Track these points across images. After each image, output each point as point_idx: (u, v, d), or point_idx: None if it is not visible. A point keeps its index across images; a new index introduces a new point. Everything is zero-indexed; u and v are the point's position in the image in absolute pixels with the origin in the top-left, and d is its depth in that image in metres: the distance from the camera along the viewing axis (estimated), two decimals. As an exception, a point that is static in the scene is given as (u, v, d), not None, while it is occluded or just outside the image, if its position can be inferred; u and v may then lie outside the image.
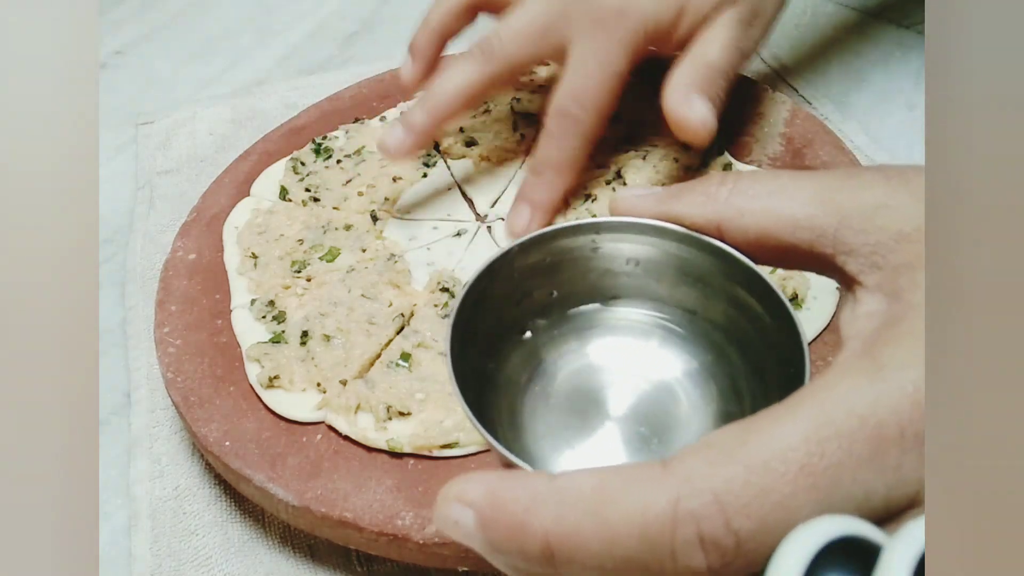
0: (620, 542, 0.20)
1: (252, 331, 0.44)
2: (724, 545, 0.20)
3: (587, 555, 0.21)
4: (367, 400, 0.40)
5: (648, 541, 0.20)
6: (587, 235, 0.31)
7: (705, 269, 0.30)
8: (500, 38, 0.44)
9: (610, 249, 0.32)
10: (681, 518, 0.20)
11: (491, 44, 0.44)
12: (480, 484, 0.22)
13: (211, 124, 0.63)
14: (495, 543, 0.22)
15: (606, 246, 0.32)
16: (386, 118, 0.56)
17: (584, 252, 0.32)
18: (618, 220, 0.31)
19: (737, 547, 0.20)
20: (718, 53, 0.43)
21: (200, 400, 0.42)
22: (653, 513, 0.20)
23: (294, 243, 0.48)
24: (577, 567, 0.21)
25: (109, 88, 0.69)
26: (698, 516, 0.20)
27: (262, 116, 0.63)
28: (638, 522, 0.20)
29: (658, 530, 0.20)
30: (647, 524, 0.20)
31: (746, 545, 0.20)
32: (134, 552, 0.41)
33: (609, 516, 0.21)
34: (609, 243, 0.32)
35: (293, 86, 0.66)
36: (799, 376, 0.26)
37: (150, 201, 0.57)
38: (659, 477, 0.21)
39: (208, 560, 0.40)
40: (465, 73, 0.45)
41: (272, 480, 0.38)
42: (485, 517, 0.22)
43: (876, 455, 0.21)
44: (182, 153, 0.61)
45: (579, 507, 0.21)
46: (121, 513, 0.43)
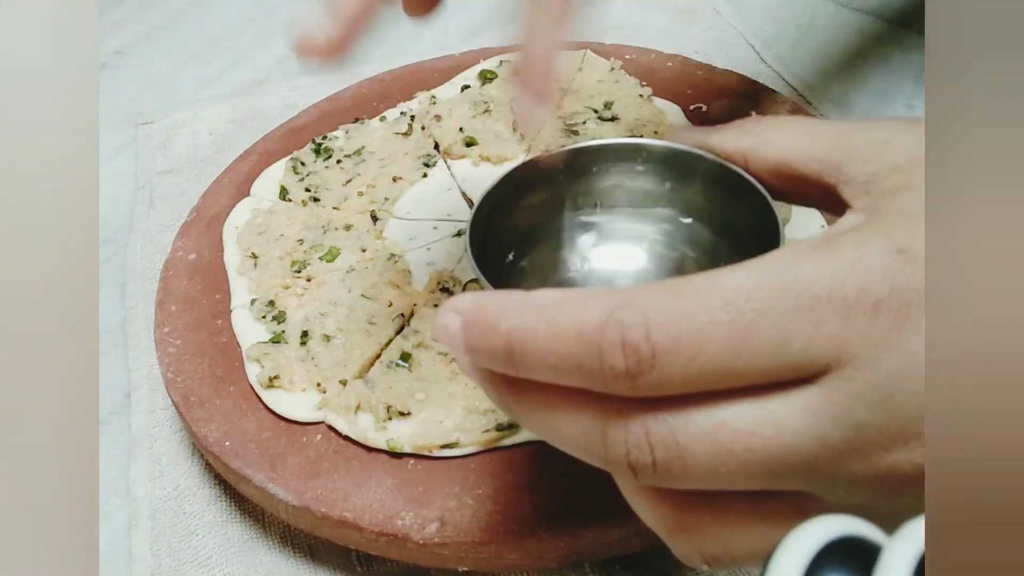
0: (562, 341, 0.23)
1: (252, 331, 0.44)
2: (641, 352, 0.22)
3: (536, 351, 0.24)
4: (367, 400, 0.40)
5: (582, 340, 0.23)
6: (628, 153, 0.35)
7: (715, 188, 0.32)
8: None
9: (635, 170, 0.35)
10: (611, 324, 0.23)
11: None
12: (471, 297, 0.26)
13: (211, 124, 0.63)
14: (471, 343, 0.25)
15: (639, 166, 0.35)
16: (386, 118, 0.56)
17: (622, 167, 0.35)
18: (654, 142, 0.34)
19: (652, 358, 0.22)
20: None
21: (200, 400, 0.42)
22: (590, 318, 0.23)
23: (294, 243, 0.48)
24: (529, 363, 0.24)
25: (109, 88, 0.69)
26: (624, 323, 0.23)
27: (262, 116, 0.63)
28: (577, 324, 0.23)
29: (591, 332, 0.23)
30: (583, 326, 0.23)
31: (660, 358, 0.22)
32: (134, 552, 0.41)
33: (557, 319, 0.24)
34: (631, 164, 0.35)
35: (293, 86, 0.66)
36: None
37: (150, 201, 0.57)
38: (606, 294, 0.24)
39: (208, 560, 0.40)
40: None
41: (272, 480, 0.38)
42: (467, 320, 0.25)
43: (801, 310, 0.22)
44: (182, 153, 0.61)
45: (537, 312, 0.24)
46: (121, 513, 0.43)
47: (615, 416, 0.24)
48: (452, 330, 0.25)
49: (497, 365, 0.25)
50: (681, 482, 0.23)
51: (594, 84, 0.54)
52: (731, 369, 0.22)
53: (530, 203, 0.35)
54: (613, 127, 0.51)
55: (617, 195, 0.35)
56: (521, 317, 0.24)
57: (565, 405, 0.25)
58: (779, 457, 0.22)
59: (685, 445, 0.23)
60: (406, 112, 0.56)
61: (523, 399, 0.26)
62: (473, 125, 0.53)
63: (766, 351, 0.22)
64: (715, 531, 0.24)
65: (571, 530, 0.35)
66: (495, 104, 0.54)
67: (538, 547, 0.35)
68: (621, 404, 0.24)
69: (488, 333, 0.24)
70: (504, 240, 0.34)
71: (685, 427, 0.23)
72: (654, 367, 0.22)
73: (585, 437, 0.24)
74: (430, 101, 0.56)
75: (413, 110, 0.56)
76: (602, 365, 0.23)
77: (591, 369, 0.23)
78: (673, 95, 0.54)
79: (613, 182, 0.35)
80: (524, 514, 0.36)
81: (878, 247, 0.23)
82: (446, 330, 0.25)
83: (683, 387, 0.23)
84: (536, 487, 0.37)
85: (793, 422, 0.22)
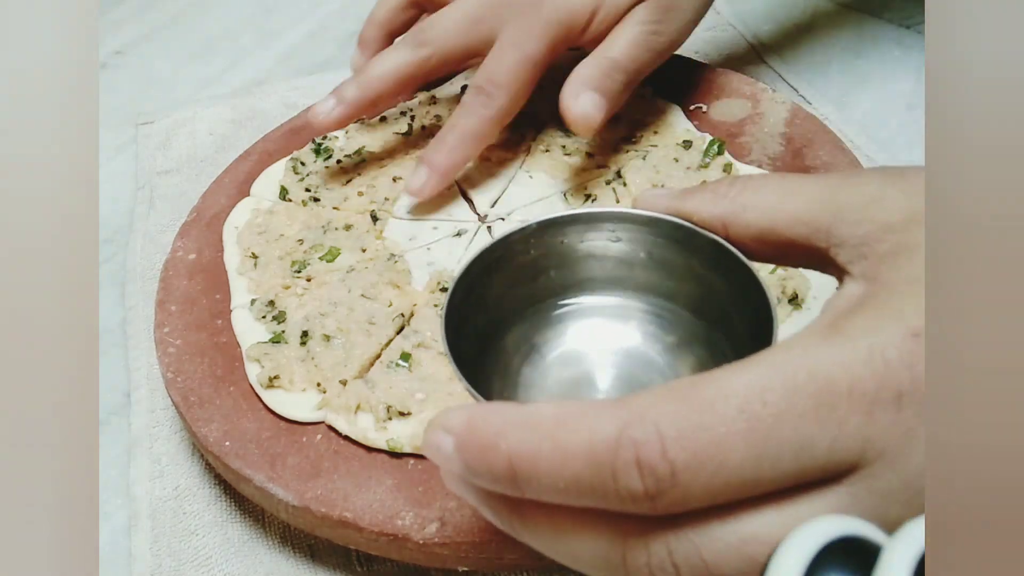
0: (571, 463, 0.22)
1: (252, 331, 0.44)
2: (659, 472, 0.21)
3: (543, 474, 0.22)
4: (367, 400, 0.40)
5: (594, 463, 0.22)
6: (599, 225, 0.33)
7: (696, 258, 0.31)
8: (433, 27, 0.48)
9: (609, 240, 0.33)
10: (623, 443, 0.21)
11: (424, 32, 0.48)
12: (461, 413, 0.24)
13: (211, 124, 0.63)
14: (469, 464, 0.23)
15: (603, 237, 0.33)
16: (386, 118, 0.56)
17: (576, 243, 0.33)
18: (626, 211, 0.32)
19: (672, 476, 0.21)
20: (620, 50, 0.46)
21: (200, 400, 0.42)
22: (600, 438, 0.22)
23: (294, 243, 0.48)
24: (536, 485, 0.23)
25: (109, 88, 0.69)
26: (638, 442, 0.21)
27: (262, 116, 0.63)
28: (587, 445, 0.22)
29: (603, 453, 0.22)
30: (594, 447, 0.22)
31: (680, 475, 0.21)
32: (134, 552, 0.41)
33: (563, 439, 0.22)
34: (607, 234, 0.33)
35: (293, 86, 0.66)
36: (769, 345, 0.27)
37: (150, 201, 0.57)
38: (612, 408, 0.22)
39: (208, 560, 0.40)
40: (398, 55, 0.48)
41: (272, 480, 0.38)
42: (462, 440, 0.24)
43: (820, 409, 0.21)
44: (182, 153, 0.61)
45: (539, 431, 0.22)
46: (121, 513, 0.43)
47: (634, 538, 0.23)
48: (445, 450, 0.24)
49: (499, 487, 0.23)
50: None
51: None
52: (755, 478, 0.21)
53: (502, 281, 0.33)
54: (613, 126, 0.51)
55: (591, 266, 0.34)
56: (522, 437, 0.23)
57: (576, 527, 0.23)
58: None
59: (711, 562, 0.22)
60: (406, 112, 0.56)
61: (528, 521, 0.24)
62: (473, 125, 0.53)
63: (788, 456, 0.21)
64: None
65: (571, 530, 0.35)
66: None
67: (538, 547, 0.35)
68: (639, 524, 0.22)
69: (486, 454, 0.23)
70: (480, 322, 0.32)
71: (710, 544, 0.22)
72: (675, 485, 0.21)
73: (603, 560, 0.23)
74: (430, 101, 0.56)
75: (413, 110, 0.56)
76: (618, 487, 0.22)
77: (606, 491, 0.22)
78: (673, 95, 0.54)
79: (586, 252, 0.34)
80: (524, 514, 0.36)
81: (892, 331, 0.22)
82: (438, 451, 0.24)
83: (706, 501, 0.22)
84: (536, 487, 0.37)
85: None
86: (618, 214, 0.32)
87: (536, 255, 0.33)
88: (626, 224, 0.32)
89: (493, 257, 0.33)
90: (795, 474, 0.21)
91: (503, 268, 0.33)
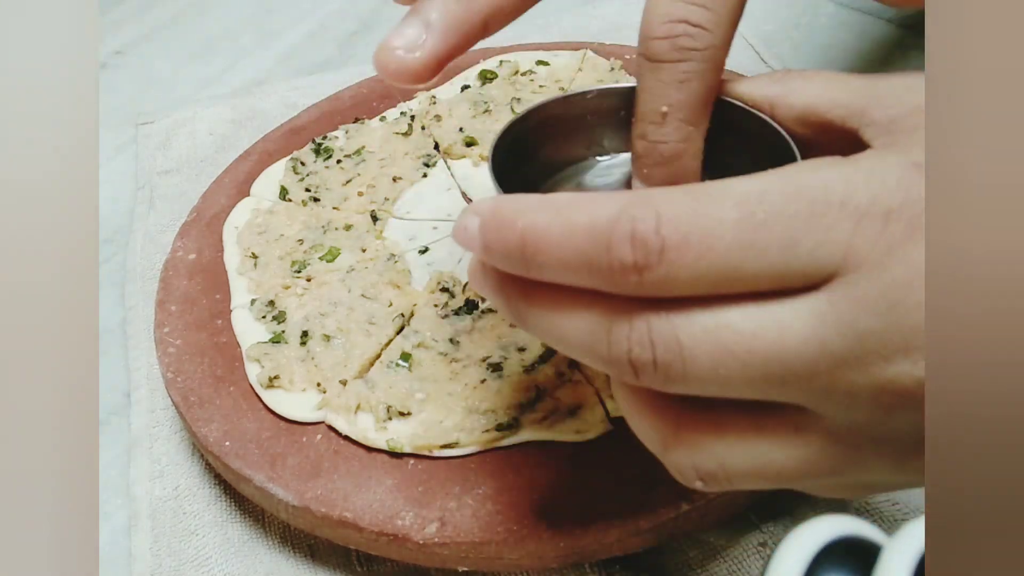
0: (574, 236, 0.23)
1: (252, 331, 0.44)
2: (649, 245, 0.22)
3: (549, 247, 0.24)
4: (367, 400, 0.40)
5: (593, 234, 0.23)
6: None
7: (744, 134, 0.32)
8: None
9: None
10: (622, 219, 0.23)
11: None
12: (491, 200, 0.26)
13: (211, 124, 0.63)
14: (487, 242, 0.25)
15: None
16: (386, 118, 0.56)
17: None
18: None
19: (660, 252, 0.22)
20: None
21: (200, 400, 0.42)
22: (603, 213, 0.23)
23: (294, 243, 0.48)
24: (541, 259, 0.24)
25: (109, 88, 0.69)
26: (635, 218, 0.23)
27: (262, 116, 0.63)
28: (589, 220, 0.23)
29: (602, 225, 0.23)
30: (595, 220, 0.23)
31: (668, 252, 0.22)
32: (134, 552, 0.41)
33: (571, 216, 0.24)
34: None
35: (293, 86, 0.66)
36: None
37: (150, 201, 0.57)
38: (621, 194, 0.24)
39: (208, 560, 0.40)
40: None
41: (272, 480, 0.38)
42: (485, 221, 0.25)
43: (813, 214, 0.22)
44: (182, 153, 0.61)
45: (551, 211, 0.24)
46: (121, 513, 0.43)
47: (620, 314, 0.24)
48: (471, 230, 0.25)
49: (511, 264, 0.25)
50: (681, 384, 0.24)
51: (594, 83, 0.54)
52: (739, 269, 0.22)
53: (555, 140, 0.34)
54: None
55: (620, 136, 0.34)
56: (536, 215, 0.24)
57: (572, 304, 0.25)
58: (780, 362, 0.22)
59: (687, 344, 0.23)
60: (406, 112, 0.56)
61: (532, 302, 0.26)
62: (473, 125, 0.53)
63: (774, 252, 0.22)
64: (712, 445, 0.25)
65: (571, 530, 0.35)
66: (495, 104, 0.54)
67: (538, 547, 0.35)
68: (627, 303, 0.24)
69: (503, 231, 0.25)
70: (527, 173, 0.33)
71: (688, 326, 0.23)
72: (661, 262, 0.22)
73: (589, 336, 0.25)
74: (430, 101, 0.56)
75: (413, 110, 0.56)
76: (611, 258, 0.23)
77: (600, 263, 0.23)
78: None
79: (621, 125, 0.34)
80: (524, 514, 0.36)
81: (894, 161, 0.23)
82: (465, 231, 0.26)
83: (690, 286, 0.23)
84: (536, 487, 0.37)
85: (796, 327, 0.22)
86: None
87: (592, 122, 0.34)
88: None
89: (549, 113, 0.33)
90: (778, 273, 0.22)
91: (557, 126, 0.34)
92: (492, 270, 0.26)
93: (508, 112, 0.53)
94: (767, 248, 0.22)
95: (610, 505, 0.35)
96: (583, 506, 0.36)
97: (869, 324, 0.22)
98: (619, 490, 0.36)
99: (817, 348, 0.22)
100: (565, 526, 0.35)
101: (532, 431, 0.38)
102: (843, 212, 0.22)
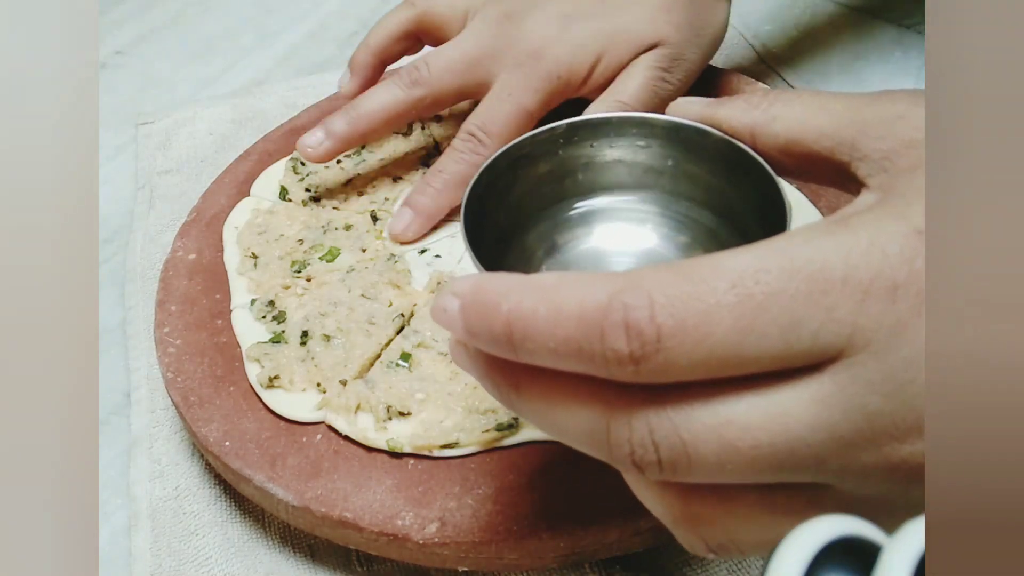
0: (563, 323, 0.23)
1: (252, 331, 0.44)
2: (645, 335, 0.21)
3: (537, 333, 0.23)
4: (367, 400, 0.40)
5: (584, 323, 0.22)
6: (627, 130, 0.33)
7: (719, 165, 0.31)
8: (428, 66, 0.47)
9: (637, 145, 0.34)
10: (614, 306, 0.22)
11: (419, 70, 0.47)
12: (470, 278, 0.25)
13: (211, 124, 0.63)
14: (470, 326, 0.24)
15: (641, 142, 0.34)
16: (386, 118, 0.56)
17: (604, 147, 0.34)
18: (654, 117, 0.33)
19: (657, 341, 0.21)
20: (630, 92, 0.46)
21: (200, 400, 0.42)
22: (593, 299, 0.22)
23: (294, 243, 0.48)
24: (529, 346, 0.23)
25: (109, 88, 0.69)
26: (628, 306, 0.22)
27: (262, 116, 0.63)
28: (579, 306, 0.22)
29: (593, 313, 0.22)
30: (586, 308, 0.22)
31: (665, 341, 0.21)
32: (134, 552, 0.41)
33: (559, 301, 0.23)
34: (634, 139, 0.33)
35: (293, 86, 0.66)
36: None
37: (150, 201, 0.57)
38: (609, 276, 0.23)
39: (208, 560, 0.40)
40: (390, 93, 0.47)
41: (272, 480, 0.38)
42: (466, 303, 0.24)
43: (813, 293, 0.21)
44: (182, 153, 0.61)
45: (538, 294, 0.23)
46: (121, 513, 0.43)
47: (618, 412, 0.23)
48: (451, 312, 0.24)
49: (496, 349, 0.24)
50: (687, 478, 0.23)
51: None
52: (739, 354, 0.21)
53: (527, 179, 0.33)
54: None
55: (618, 171, 0.34)
56: (522, 298, 0.23)
57: (566, 398, 0.24)
58: (788, 452, 0.22)
59: (690, 443, 0.22)
60: (406, 112, 0.56)
61: (523, 391, 0.25)
62: (473, 125, 0.53)
63: (775, 335, 0.21)
64: (723, 522, 0.24)
65: (571, 530, 0.35)
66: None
67: (538, 547, 0.35)
68: (623, 396, 0.23)
69: (488, 315, 0.24)
70: (501, 218, 0.33)
71: (689, 424, 0.22)
72: (659, 351, 0.21)
73: (589, 433, 0.24)
74: (430, 101, 0.56)
75: (413, 110, 0.56)
76: (604, 348, 0.22)
77: (593, 352, 0.22)
78: (673, 95, 0.54)
79: (614, 157, 0.34)
80: (524, 514, 0.36)
81: (895, 228, 0.22)
82: (444, 312, 0.25)
83: (689, 373, 0.22)
84: (536, 487, 0.37)
85: (802, 414, 0.22)
86: (646, 119, 0.33)
87: (564, 156, 0.34)
88: (654, 130, 0.33)
89: (520, 153, 0.33)
90: (780, 356, 0.22)
91: (529, 166, 0.33)
92: (476, 352, 0.26)
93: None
94: (767, 331, 0.21)
95: (610, 505, 0.35)
96: (583, 506, 0.36)
97: (879, 406, 0.21)
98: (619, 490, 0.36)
99: (825, 434, 0.22)
100: (565, 526, 0.35)
101: (532, 431, 0.38)
102: (845, 290, 0.21)
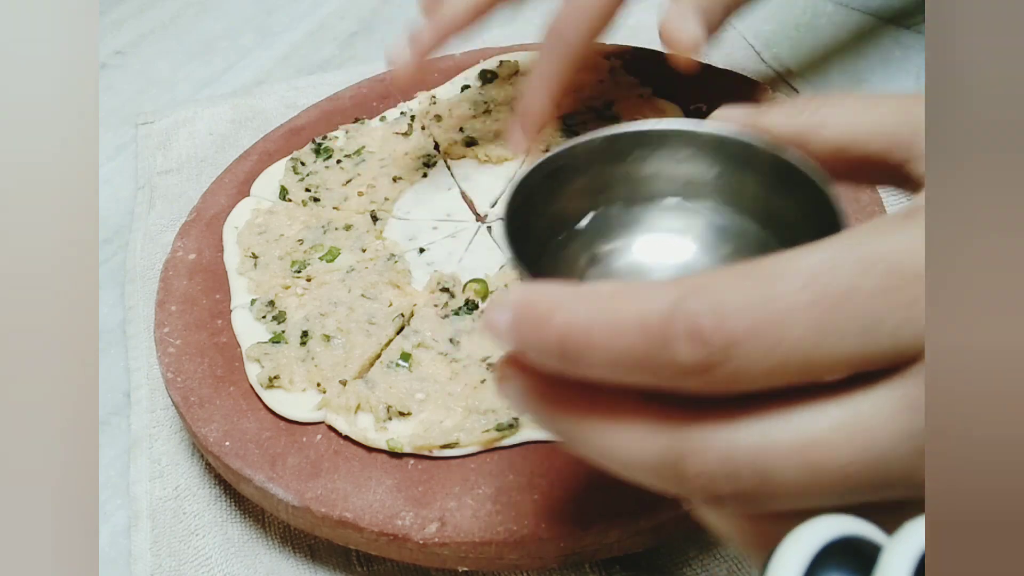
0: (623, 334, 0.21)
1: (252, 331, 0.44)
2: (714, 343, 0.20)
3: (594, 345, 0.21)
4: (367, 400, 0.40)
5: (646, 333, 0.21)
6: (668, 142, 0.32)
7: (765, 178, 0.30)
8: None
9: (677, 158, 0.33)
10: (678, 314, 0.20)
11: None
12: (520, 290, 0.23)
13: (211, 124, 0.63)
14: (521, 338, 0.23)
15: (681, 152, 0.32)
16: (386, 118, 0.56)
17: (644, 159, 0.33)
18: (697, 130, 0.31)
19: (727, 348, 0.20)
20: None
21: (200, 400, 0.42)
22: (655, 307, 0.21)
23: (294, 243, 0.48)
24: (587, 357, 0.22)
25: (109, 88, 0.69)
26: (695, 312, 0.20)
27: (262, 116, 0.63)
28: (640, 315, 0.21)
29: (656, 323, 0.21)
30: (648, 317, 0.21)
31: (736, 348, 0.20)
32: (134, 552, 0.41)
33: (617, 310, 0.21)
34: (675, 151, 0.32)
35: (293, 86, 0.66)
36: None
37: (150, 201, 0.57)
38: (670, 283, 0.21)
39: (208, 560, 0.40)
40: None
41: (272, 480, 0.38)
42: (517, 315, 0.23)
43: (891, 289, 0.20)
44: (182, 153, 0.61)
45: (594, 305, 0.22)
46: (121, 513, 0.43)
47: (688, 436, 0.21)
48: (503, 325, 0.23)
49: (551, 362, 0.23)
50: (769, 507, 0.21)
51: (595, 84, 0.54)
52: (816, 357, 0.20)
53: (565, 192, 0.33)
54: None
55: (659, 183, 0.33)
56: (576, 309, 0.22)
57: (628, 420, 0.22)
58: (875, 467, 0.20)
59: (770, 469, 0.21)
60: (406, 112, 0.56)
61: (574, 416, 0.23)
62: (473, 125, 0.53)
63: (853, 334, 0.20)
64: None
65: (571, 530, 0.35)
66: (495, 104, 0.54)
67: (538, 547, 0.35)
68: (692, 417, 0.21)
69: (539, 328, 0.22)
70: (538, 232, 0.32)
71: (769, 449, 0.21)
72: (730, 358, 0.20)
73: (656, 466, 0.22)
74: (430, 101, 0.56)
75: (413, 110, 0.56)
76: (670, 358, 0.20)
77: (657, 364, 0.21)
78: (673, 95, 0.54)
79: (655, 169, 0.33)
80: (524, 514, 0.36)
81: None
82: (495, 327, 0.23)
83: (763, 381, 0.20)
84: (536, 487, 0.37)
85: (887, 424, 0.20)
86: (688, 133, 0.32)
87: (602, 168, 0.33)
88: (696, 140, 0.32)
89: (556, 166, 0.32)
90: (858, 357, 0.20)
91: (566, 178, 0.32)
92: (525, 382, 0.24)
93: (508, 112, 0.53)
94: (846, 332, 0.20)
95: (610, 505, 0.35)
96: (583, 506, 0.36)
97: None
98: (619, 490, 0.36)
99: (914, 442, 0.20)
100: (565, 526, 0.35)
101: (532, 431, 0.38)
102: (919, 284, 0.20)
